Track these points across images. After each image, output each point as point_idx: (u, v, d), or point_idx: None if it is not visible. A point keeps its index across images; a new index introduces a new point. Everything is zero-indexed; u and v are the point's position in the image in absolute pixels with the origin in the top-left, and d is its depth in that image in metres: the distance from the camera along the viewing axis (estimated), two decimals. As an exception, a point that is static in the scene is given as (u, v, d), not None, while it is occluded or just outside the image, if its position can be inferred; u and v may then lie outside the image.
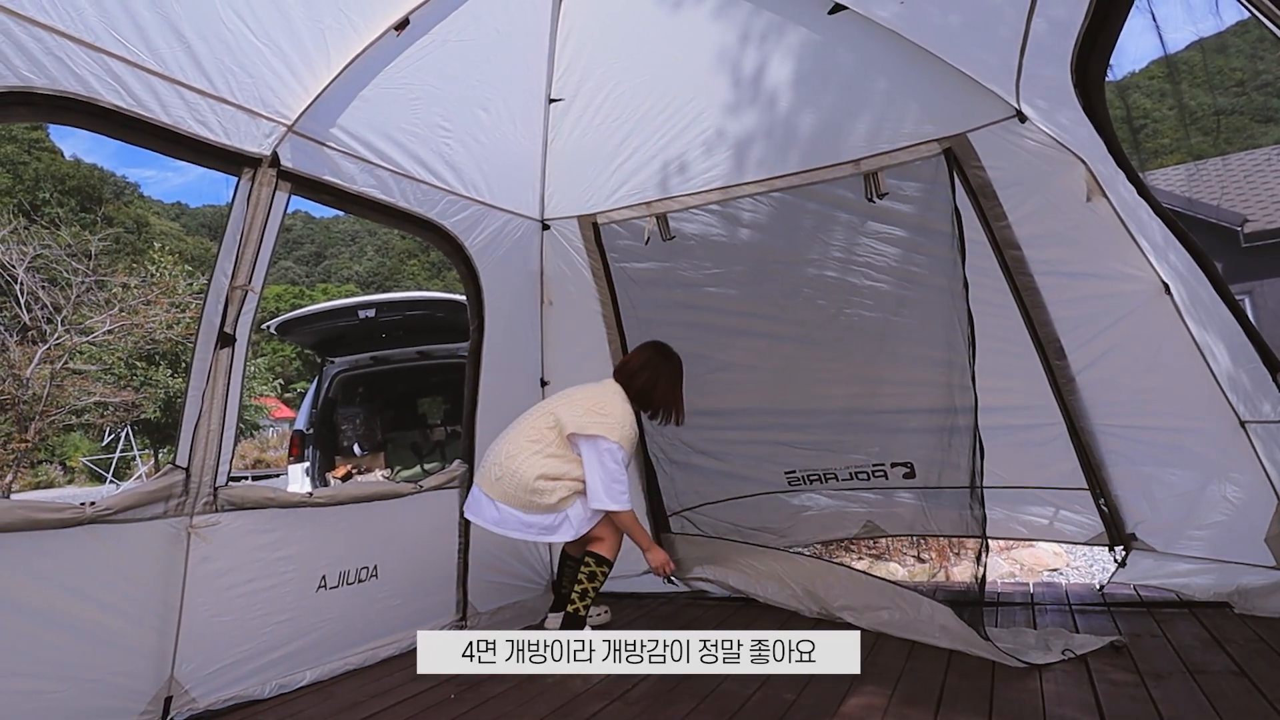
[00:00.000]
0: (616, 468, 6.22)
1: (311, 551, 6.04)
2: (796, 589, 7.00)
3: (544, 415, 6.48)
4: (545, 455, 6.28)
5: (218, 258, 5.46)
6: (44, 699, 4.47)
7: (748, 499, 8.13)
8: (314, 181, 5.91)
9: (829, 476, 7.74)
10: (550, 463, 6.26)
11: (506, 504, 6.30)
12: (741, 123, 6.88)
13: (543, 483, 6.20)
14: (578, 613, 6.34)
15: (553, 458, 6.28)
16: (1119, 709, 4.39)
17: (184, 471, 5.28)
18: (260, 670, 5.62)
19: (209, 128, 5.11)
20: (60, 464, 45.11)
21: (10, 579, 4.38)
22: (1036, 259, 6.46)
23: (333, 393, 12.93)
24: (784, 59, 6.48)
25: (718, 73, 6.68)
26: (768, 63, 6.54)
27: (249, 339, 5.68)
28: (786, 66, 6.51)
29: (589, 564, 6.43)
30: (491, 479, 6.38)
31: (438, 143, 6.65)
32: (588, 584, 6.37)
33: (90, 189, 67.42)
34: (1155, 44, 4.63)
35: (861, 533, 7.78)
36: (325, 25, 5.28)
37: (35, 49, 4.17)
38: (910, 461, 7.37)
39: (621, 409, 6.42)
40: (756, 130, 6.87)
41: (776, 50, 6.46)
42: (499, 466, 6.36)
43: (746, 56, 6.57)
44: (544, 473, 6.22)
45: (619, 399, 6.51)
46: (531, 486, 6.19)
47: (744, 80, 6.67)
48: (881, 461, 7.48)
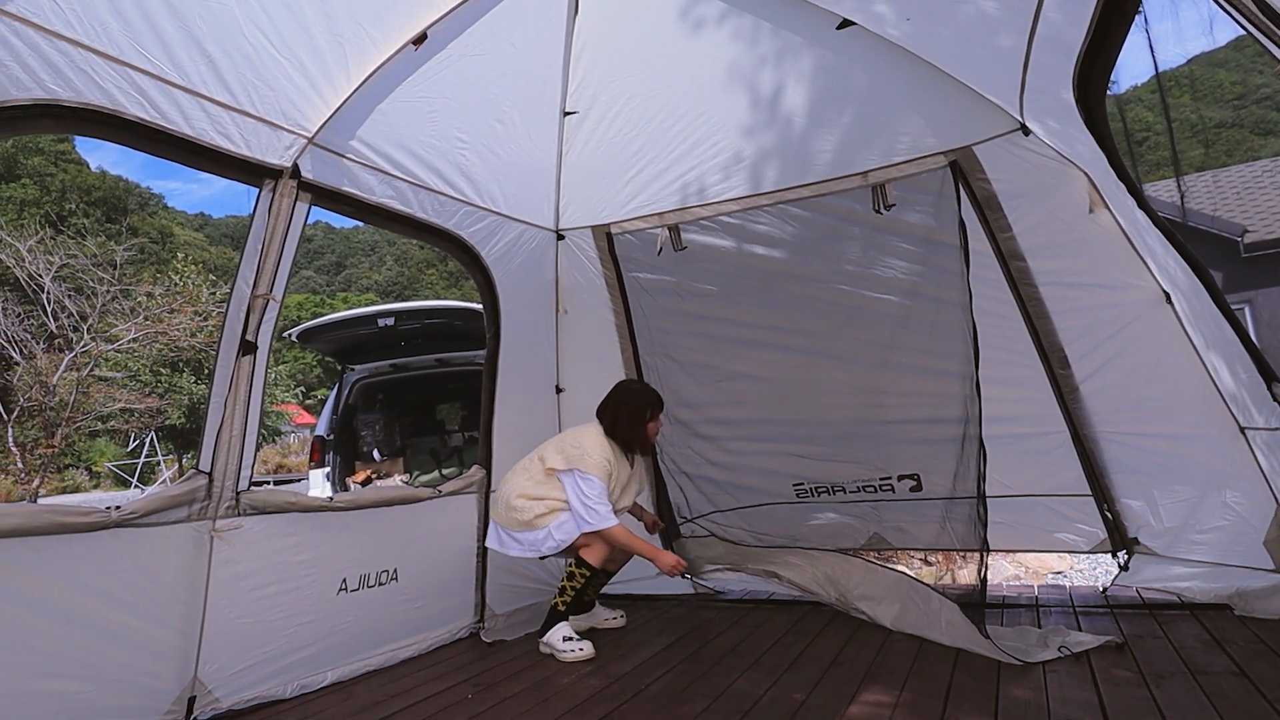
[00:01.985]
0: (593, 493, 6.48)
1: (332, 555, 6.05)
2: (818, 574, 7.00)
3: (534, 456, 6.86)
4: (528, 479, 6.69)
5: (240, 267, 5.48)
6: (71, 699, 4.48)
7: (756, 508, 8.09)
8: (334, 192, 5.92)
9: (836, 489, 7.67)
10: (530, 485, 6.65)
11: (499, 524, 6.79)
12: (752, 136, 6.89)
13: (521, 500, 6.58)
14: (555, 608, 6.59)
15: (534, 482, 6.65)
16: (1122, 708, 4.38)
17: (207, 476, 5.30)
18: (282, 671, 5.63)
19: (231, 140, 5.13)
20: (86, 469, 45.29)
21: (38, 581, 4.39)
22: (1040, 269, 6.46)
23: (353, 399, 12.95)
24: (794, 75, 6.48)
25: (729, 87, 6.69)
26: (778, 78, 6.54)
27: (270, 347, 5.68)
28: (797, 82, 6.51)
29: (569, 565, 6.74)
30: (494, 506, 6.94)
31: (455, 154, 6.66)
32: (566, 583, 6.62)
33: (115, 200, 67.53)
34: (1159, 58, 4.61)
35: (868, 544, 7.74)
36: (345, 39, 5.30)
37: (61, 62, 4.18)
38: (917, 474, 7.33)
39: (597, 443, 6.70)
40: (767, 144, 6.88)
41: (787, 66, 6.46)
42: (496, 493, 7.02)
43: (757, 72, 6.56)
44: (523, 492, 6.62)
45: (595, 434, 6.80)
46: (511, 504, 6.62)
47: (755, 94, 6.67)
48: (888, 475, 7.44)
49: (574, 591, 6.61)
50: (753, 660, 5.81)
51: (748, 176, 7.11)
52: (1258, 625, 5.67)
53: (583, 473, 6.50)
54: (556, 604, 6.58)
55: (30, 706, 4.32)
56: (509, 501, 6.62)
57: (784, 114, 6.69)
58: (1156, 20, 4.32)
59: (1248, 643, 5.31)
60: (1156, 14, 4.11)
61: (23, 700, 4.29)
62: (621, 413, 6.84)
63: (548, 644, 6.40)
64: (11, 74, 4.03)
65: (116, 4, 4.22)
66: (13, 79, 4.04)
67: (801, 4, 6.02)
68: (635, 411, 6.86)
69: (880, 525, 7.62)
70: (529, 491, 6.59)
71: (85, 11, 4.14)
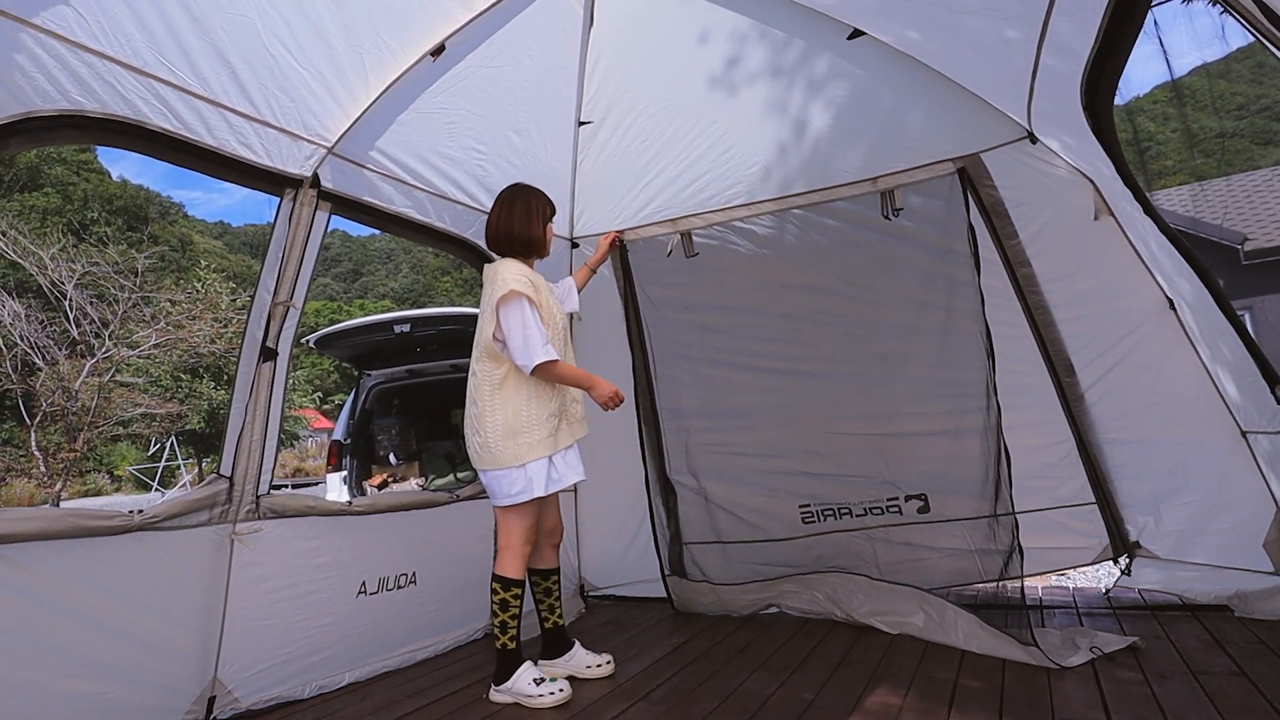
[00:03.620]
0: (518, 321, 5.25)
1: (351, 558, 6.06)
2: (818, 595, 6.93)
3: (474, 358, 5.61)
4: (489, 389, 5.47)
5: (260, 275, 5.51)
6: (94, 699, 4.49)
7: (762, 544, 7.94)
8: (353, 202, 5.97)
9: (843, 512, 7.48)
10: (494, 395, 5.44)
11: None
12: (763, 143, 6.90)
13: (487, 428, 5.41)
14: (504, 648, 5.38)
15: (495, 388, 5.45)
16: (1125, 707, 4.40)
17: (228, 480, 5.33)
18: (301, 672, 5.64)
19: (252, 150, 5.16)
20: (108, 473, 45.36)
21: (61, 584, 4.40)
22: (1046, 275, 6.47)
23: (369, 404, 13.00)
24: (805, 83, 6.49)
25: (740, 96, 6.69)
26: (789, 86, 6.54)
27: (290, 353, 5.71)
28: (807, 90, 6.52)
29: (493, 590, 5.45)
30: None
31: (472, 164, 6.68)
32: (497, 616, 5.38)
33: (137, 209, 67.68)
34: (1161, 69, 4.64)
35: (876, 574, 7.52)
36: (364, 51, 5.32)
37: (86, 74, 4.21)
38: (924, 493, 7.20)
39: (504, 266, 5.48)
40: (777, 150, 6.88)
41: (798, 74, 6.46)
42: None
43: (768, 80, 6.57)
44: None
45: (497, 263, 5.59)
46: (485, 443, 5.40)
47: (765, 102, 6.67)
48: (895, 496, 7.32)
49: (513, 620, 5.37)
50: (761, 661, 5.81)
51: (759, 182, 7.12)
52: (1257, 626, 5.67)
53: (504, 303, 5.27)
54: (503, 643, 5.35)
55: (54, 706, 4.33)
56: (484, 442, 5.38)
57: (794, 121, 6.69)
58: (1168, 29, 4.32)
59: (1248, 643, 5.32)
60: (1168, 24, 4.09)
61: (47, 700, 4.30)
62: (516, 211, 5.66)
63: (511, 692, 5.26)
64: (38, 85, 4.06)
65: (140, 16, 4.24)
66: (39, 90, 4.07)
67: (811, 13, 6.03)
68: (526, 208, 5.70)
69: (889, 549, 7.41)
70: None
71: (109, 24, 4.16)
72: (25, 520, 4.22)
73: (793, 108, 6.64)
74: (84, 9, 4.05)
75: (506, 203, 5.70)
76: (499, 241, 5.68)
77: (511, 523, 5.45)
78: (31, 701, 4.23)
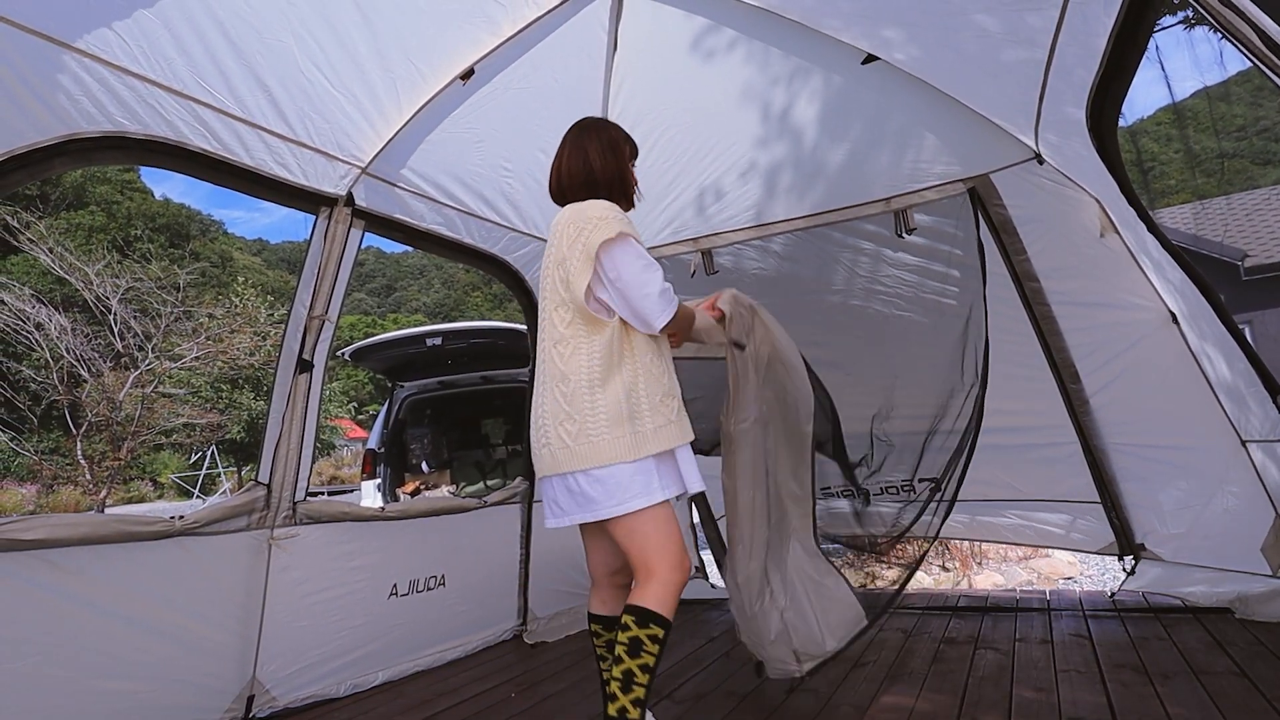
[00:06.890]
0: (636, 266, 3.78)
1: (384, 562, 6.07)
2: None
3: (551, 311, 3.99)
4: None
5: (297, 290, 5.53)
6: (137, 698, 4.52)
7: None
8: (386, 219, 5.98)
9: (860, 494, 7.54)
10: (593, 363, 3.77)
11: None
12: (782, 165, 6.88)
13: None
14: (624, 714, 3.45)
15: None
16: (1129, 707, 4.40)
17: (266, 487, 5.34)
18: (336, 671, 5.66)
19: (289, 170, 5.18)
20: (151, 480, 45.43)
21: (106, 587, 4.42)
22: (1053, 290, 6.47)
23: (402, 414, 13.01)
24: (820, 106, 6.48)
25: (760, 120, 6.69)
26: (805, 110, 6.53)
27: (326, 365, 5.72)
28: (823, 113, 6.51)
29: (629, 626, 3.56)
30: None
31: (500, 182, 6.66)
32: (638, 660, 3.50)
33: (178, 226, 67.81)
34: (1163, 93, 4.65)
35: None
36: (396, 75, 5.31)
37: (129, 96, 4.23)
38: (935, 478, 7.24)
39: (596, 205, 3.94)
40: (795, 171, 6.88)
41: (814, 98, 6.45)
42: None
43: (786, 104, 6.56)
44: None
45: (586, 209, 3.92)
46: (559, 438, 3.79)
47: (784, 125, 6.66)
48: (909, 478, 7.35)
49: (650, 673, 3.52)
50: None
51: (778, 202, 7.13)
52: (1257, 628, 5.68)
53: (608, 248, 3.75)
54: (623, 706, 3.46)
55: (98, 706, 4.36)
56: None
57: (810, 143, 6.69)
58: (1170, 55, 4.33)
59: (1248, 644, 5.32)
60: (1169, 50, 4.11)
61: (91, 700, 4.33)
62: (592, 144, 4.22)
63: None
64: (82, 108, 4.08)
65: (181, 41, 4.25)
66: (83, 113, 4.09)
67: (826, 39, 6.02)
68: (607, 139, 4.28)
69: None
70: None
71: (151, 48, 4.17)
72: (70, 526, 4.24)
73: (809, 131, 6.63)
74: (126, 34, 4.07)
75: (576, 139, 4.27)
76: (573, 188, 4.18)
77: (657, 531, 3.70)
78: (75, 701, 4.25)
